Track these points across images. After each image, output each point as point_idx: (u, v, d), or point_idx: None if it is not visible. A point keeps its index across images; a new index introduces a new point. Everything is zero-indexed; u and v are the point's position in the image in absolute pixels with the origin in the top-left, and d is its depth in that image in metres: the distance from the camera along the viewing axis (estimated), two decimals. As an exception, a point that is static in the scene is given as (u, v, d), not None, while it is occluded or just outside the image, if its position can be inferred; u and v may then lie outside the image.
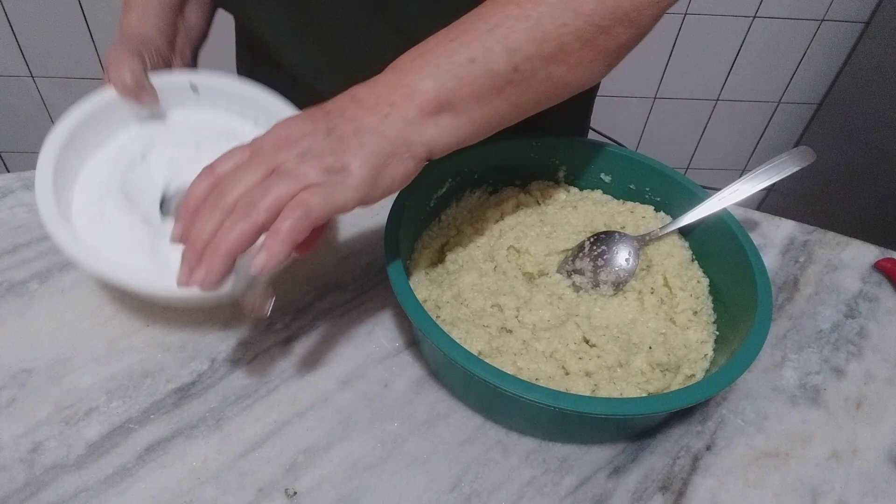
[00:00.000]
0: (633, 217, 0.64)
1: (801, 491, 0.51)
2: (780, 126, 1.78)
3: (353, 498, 0.48)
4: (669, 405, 0.45)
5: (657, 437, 0.53)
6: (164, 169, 0.57)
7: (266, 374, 0.54)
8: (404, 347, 0.57)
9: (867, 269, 0.68)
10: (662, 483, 0.50)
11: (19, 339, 0.55)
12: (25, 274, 0.60)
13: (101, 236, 0.52)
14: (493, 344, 0.52)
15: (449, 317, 0.54)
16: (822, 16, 1.54)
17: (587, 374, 0.51)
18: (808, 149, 0.60)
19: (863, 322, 0.63)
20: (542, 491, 0.49)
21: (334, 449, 0.50)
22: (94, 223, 0.53)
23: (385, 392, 0.54)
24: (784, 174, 0.60)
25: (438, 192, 0.62)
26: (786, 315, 0.63)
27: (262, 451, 0.50)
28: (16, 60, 1.49)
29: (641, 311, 0.57)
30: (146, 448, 0.49)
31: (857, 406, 0.57)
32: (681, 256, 0.60)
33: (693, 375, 0.53)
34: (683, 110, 1.74)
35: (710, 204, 0.59)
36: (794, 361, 0.59)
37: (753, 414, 0.55)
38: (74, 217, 0.53)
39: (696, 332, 0.55)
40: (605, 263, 0.59)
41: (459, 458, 0.50)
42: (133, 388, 0.53)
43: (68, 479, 0.47)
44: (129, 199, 0.55)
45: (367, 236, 0.66)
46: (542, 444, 0.52)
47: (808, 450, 0.53)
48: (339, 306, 0.60)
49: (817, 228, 0.72)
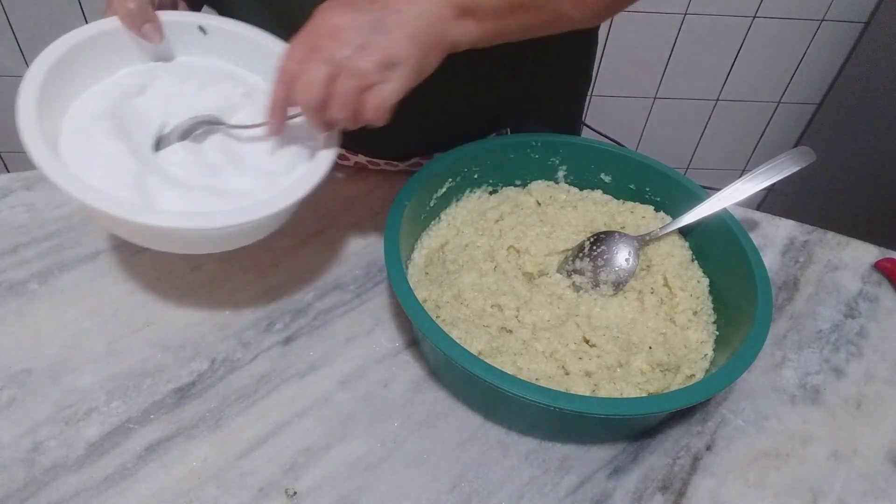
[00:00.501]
0: (633, 217, 0.64)
1: (801, 491, 0.50)
2: (780, 126, 1.78)
3: (353, 498, 0.48)
4: (669, 405, 0.45)
5: (657, 437, 0.53)
6: (162, 104, 0.54)
7: (266, 374, 0.54)
8: (404, 347, 0.57)
9: (867, 269, 0.68)
10: (662, 483, 0.50)
11: (19, 339, 0.55)
12: (25, 274, 0.60)
13: (82, 160, 0.49)
14: (494, 344, 0.52)
15: (449, 317, 0.54)
16: (822, 16, 1.54)
17: (587, 374, 0.51)
18: (808, 149, 0.60)
19: (863, 322, 0.63)
20: (542, 491, 0.49)
21: (334, 449, 0.50)
22: (77, 147, 0.49)
23: (385, 392, 0.54)
24: (784, 174, 0.60)
25: (438, 192, 0.62)
26: (786, 315, 0.63)
27: (262, 451, 0.50)
28: (16, 60, 1.49)
29: (641, 311, 0.57)
30: (146, 448, 0.49)
31: (857, 406, 0.57)
32: (681, 256, 0.60)
33: (693, 375, 0.53)
34: (683, 110, 1.74)
35: (710, 204, 0.59)
36: (794, 361, 0.59)
37: (753, 414, 0.55)
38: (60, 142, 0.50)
39: (696, 332, 0.55)
40: (605, 263, 0.59)
41: (459, 457, 0.50)
42: (133, 388, 0.53)
43: (68, 479, 0.47)
44: (118, 127, 0.51)
45: (367, 236, 0.66)
46: (542, 444, 0.52)
47: (808, 450, 0.53)
48: (339, 306, 0.60)
49: (817, 228, 0.72)
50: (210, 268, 0.62)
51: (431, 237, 0.62)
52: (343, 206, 0.69)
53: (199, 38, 0.58)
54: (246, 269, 0.62)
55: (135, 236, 0.51)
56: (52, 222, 0.65)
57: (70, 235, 0.64)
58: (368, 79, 0.44)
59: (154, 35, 0.55)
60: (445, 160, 0.61)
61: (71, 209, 0.66)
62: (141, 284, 0.60)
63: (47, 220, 0.65)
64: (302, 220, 0.67)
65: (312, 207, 0.68)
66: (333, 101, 0.45)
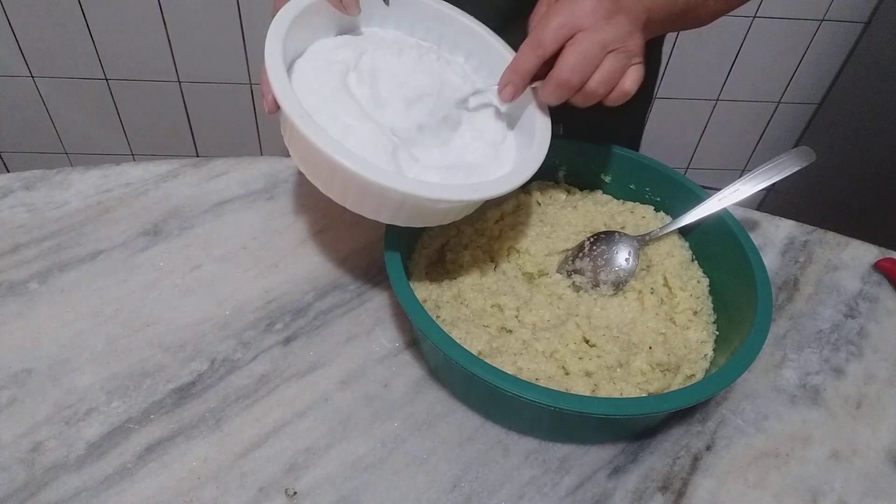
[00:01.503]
0: (633, 217, 0.64)
1: (801, 491, 0.50)
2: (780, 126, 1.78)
3: (353, 498, 0.48)
4: (669, 405, 0.45)
5: (657, 437, 0.53)
6: (386, 76, 0.54)
7: (266, 374, 0.54)
8: (404, 347, 0.57)
9: (867, 269, 0.68)
10: (662, 483, 0.50)
11: (19, 339, 0.55)
12: (25, 274, 0.60)
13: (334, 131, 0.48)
14: (494, 344, 0.52)
15: (449, 317, 0.54)
16: (822, 16, 1.54)
17: (587, 374, 0.51)
18: (808, 149, 0.60)
19: (863, 322, 0.63)
20: (542, 491, 0.49)
21: (334, 449, 0.50)
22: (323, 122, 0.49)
23: (385, 392, 0.54)
24: (784, 174, 0.60)
25: (438, 192, 0.62)
26: (786, 315, 0.63)
27: (262, 451, 0.50)
28: (16, 60, 1.49)
29: (641, 311, 0.57)
30: (146, 448, 0.49)
31: (857, 406, 0.56)
32: (681, 256, 0.60)
33: (693, 375, 0.53)
34: (683, 110, 1.74)
35: (710, 204, 0.59)
36: (794, 361, 0.59)
37: (753, 414, 0.55)
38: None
39: (696, 332, 0.55)
40: (605, 263, 0.59)
41: (459, 457, 0.50)
42: (133, 388, 0.53)
43: (68, 479, 0.47)
44: (360, 105, 0.51)
45: (368, 236, 0.66)
46: (542, 444, 0.52)
47: (808, 450, 0.53)
48: (339, 306, 0.60)
49: (817, 228, 0.72)
50: (210, 268, 0.62)
51: (431, 237, 0.62)
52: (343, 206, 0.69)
53: (382, 8, 0.57)
54: (246, 269, 0.62)
55: (372, 205, 0.51)
56: (52, 222, 0.65)
57: (70, 235, 0.64)
58: (632, 60, 0.50)
59: (354, 8, 0.55)
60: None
61: (71, 209, 0.66)
62: (141, 284, 0.60)
63: (47, 220, 0.65)
64: (302, 220, 0.67)
65: (312, 207, 0.68)
66: (600, 75, 0.49)
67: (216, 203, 0.68)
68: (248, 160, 0.73)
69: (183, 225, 0.66)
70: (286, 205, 0.69)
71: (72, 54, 1.49)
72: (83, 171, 0.70)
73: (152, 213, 0.67)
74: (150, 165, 0.71)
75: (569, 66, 0.48)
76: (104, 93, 1.57)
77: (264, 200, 0.69)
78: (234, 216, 0.67)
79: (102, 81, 1.54)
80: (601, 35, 0.48)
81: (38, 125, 1.62)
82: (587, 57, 0.48)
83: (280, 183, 0.71)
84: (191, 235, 0.65)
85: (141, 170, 0.71)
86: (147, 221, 0.66)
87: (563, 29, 0.49)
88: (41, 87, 1.55)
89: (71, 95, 1.57)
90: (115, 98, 1.58)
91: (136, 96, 1.58)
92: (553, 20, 0.49)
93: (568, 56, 0.49)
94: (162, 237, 0.64)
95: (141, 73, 1.52)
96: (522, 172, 0.50)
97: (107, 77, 1.53)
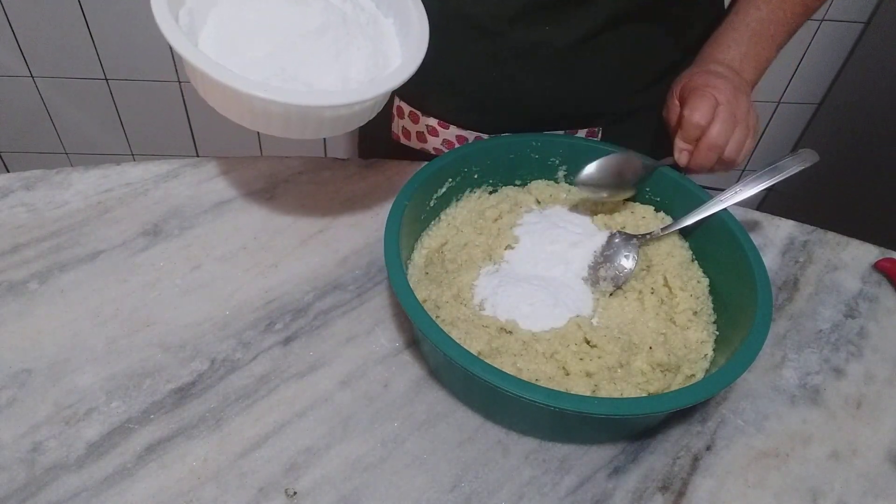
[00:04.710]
0: (633, 217, 0.64)
1: (801, 491, 0.50)
2: (780, 126, 1.78)
3: (353, 498, 0.48)
4: (669, 405, 0.45)
5: (657, 437, 0.53)
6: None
7: (266, 374, 0.54)
8: (404, 347, 0.57)
9: (867, 269, 0.68)
10: (662, 483, 0.50)
11: (19, 339, 0.55)
12: (25, 274, 0.60)
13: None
14: (493, 344, 0.52)
15: (449, 317, 0.54)
16: (822, 16, 1.54)
17: (588, 374, 0.51)
18: (811, 150, 0.61)
19: (863, 322, 0.63)
20: (542, 491, 0.49)
21: (334, 449, 0.50)
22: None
23: (385, 392, 0.54)
24: (785, 175, 0.60)
25: (438, 192, 0.62)
26: (786, 315, 0.63)
27: (262, 451, 0.50)
28: (16, 60, 1.49)
29: (641, 311, 0.57)
30: (146, 448, 0.49)
31: (857, 406, 0.56)
32: (681, 256, 0.60)
33: (693, 375, 0.53)
34: (683, 110, 1.74)
35: (710, 204, 0.59)
36: (794, 361, 0.59)
37: (753, 414, 0.55)
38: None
39: (696, 332, 0.55)
40: (605, 262, 0.59)
41: (459, 457, 0.50)
42: (133, 388, 0.53)
43: (68, 479, 0.47)
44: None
45: (367, 236, 0.66)
46: (542, 444, 0.52)
47: (808, 450, 0.53)
48: (339, 306, 0.60)
49: (817, 228, 0.72)
50: (210, 268, 0.62)
51: (431, 237, 0.62)
52: (343, 206, 0.69)
53: None
54: (246, 269, 0.62)
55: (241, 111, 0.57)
56: (52, 222, 0.65)
57: (70, 235, 0.64)
58: (751, 132, 0.62)
59: None
60: (445, 160, 0.61)
61: (71, 209, 0.66)
62: (141, 284, 0.60)
63: (47, 220, 0.65)
64: (302, 220, 0.67)
65: (312, 207, 0.68)
66: (733, 141, 0.61)
67: (216, 203, 0.68)
68: (248, 160, 0.73)
69: (183, 225, 0.66)
70: (286, 205, 0.69)
71: (72, 54, 1.49)
72: (83, 171, 0.70)
73: (152, 213, 0.67)
74: (150, 165, 0.71)
75: (715, 133, 0.60)
76: (104, 93, 1.57)
77: (264, 200, 0.69)
78: (234, 216, 0.67)
79: (102, 81, 1.54)
80: (730, 112, 0.60)
81: (38, 125, 1.62)
82: (726, 126, 0.60)
83: (280, 183, 0.71)
84: (191, 235, 0.65)
85: (141, 170, 0.71)
86: (147, 221, 0.66)
87: (707, 112, 0.60)
88: (41, 87, 1.55)
89: (71, 95, 1.57)
90: (115, 98, 1.58)
91: (136, 96, 1.58)
92: (701, 105, 0.60)
93: (713, 127, 0.60)
94: (162, 237, 0.64)
95: (141, 73, 1.52)
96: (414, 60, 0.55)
97: (107, 77, 1.53)
